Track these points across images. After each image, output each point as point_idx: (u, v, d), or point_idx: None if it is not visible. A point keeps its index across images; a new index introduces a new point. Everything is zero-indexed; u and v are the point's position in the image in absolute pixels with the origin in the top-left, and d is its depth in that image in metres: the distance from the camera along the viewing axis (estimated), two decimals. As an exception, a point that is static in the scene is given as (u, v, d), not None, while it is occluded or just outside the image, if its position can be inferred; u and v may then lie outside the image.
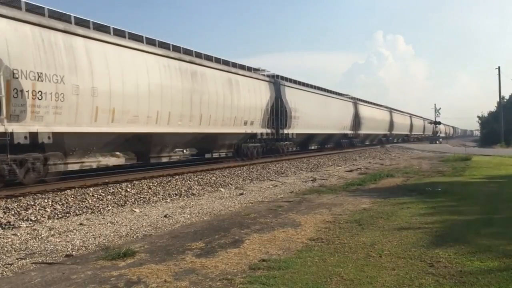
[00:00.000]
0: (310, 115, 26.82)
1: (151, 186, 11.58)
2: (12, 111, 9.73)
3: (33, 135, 10.17)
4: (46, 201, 9.09)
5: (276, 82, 23.26)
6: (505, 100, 56.94)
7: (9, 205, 8.56)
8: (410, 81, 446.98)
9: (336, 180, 14.26)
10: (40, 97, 10.23)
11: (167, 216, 8.19)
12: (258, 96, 20.50)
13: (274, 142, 22.81)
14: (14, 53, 9.80)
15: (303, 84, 28.01)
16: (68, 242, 6.32)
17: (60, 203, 9.08)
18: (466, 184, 11.97)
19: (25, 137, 10.02)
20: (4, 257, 5.60)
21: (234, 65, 19.70)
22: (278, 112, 22.43)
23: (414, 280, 4.20)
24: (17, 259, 5.47)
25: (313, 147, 31.81)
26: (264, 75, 22.86)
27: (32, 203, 8.81)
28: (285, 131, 23.38)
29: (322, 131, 29.80)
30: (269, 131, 21.78)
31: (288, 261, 4.90)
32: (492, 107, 65.99)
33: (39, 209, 8.52)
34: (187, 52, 16.54)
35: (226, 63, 19.04)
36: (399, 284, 4.12)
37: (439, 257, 4.91)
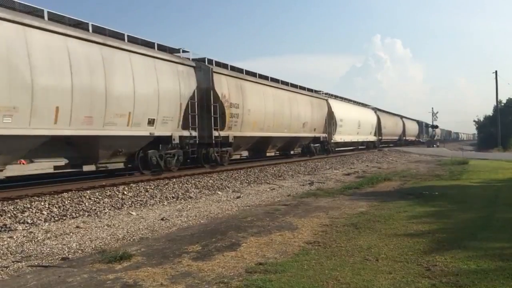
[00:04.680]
0: (348, 123, 34.18)
1: (148, 189, 11.55)
2: (218, 124, 16.94)
3: (227, 138, 17.50)
4: (42, 203, 9.05)
5: (328, 99, 31.16)
6: (502, 104, 57.19)
7: (5, 207, 8.53)
8: (408, 84, 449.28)
9: (333, 183, 14.27)
10: (230, 116, 17.80)
11: (164, 219, 8.17)
12: (321, 110, 28.70)
13: (326, 144, 30.00)
14: (226, 91, 17.57)
15: (345, 99, 36.51)
16: (64, 245, 6.30)
17: (57, 206, 9.04)
18: (463, 188, 11.99)
19: (223, 138, 17.21)
20: (0, 260, 5.58)
21: (310, 90, 28.13)
22: (329, 121, 30.10)
23: (410, 284, 4.20)
24: (13, 262, 5.44)
25: (345, 148, 36.91)
26: (322, 93, 31.05)
27: (29, 206, 8.77)
28: (333, 136, 31.01)
29: (356, 136, 36.77)
30: (324, 135, 29.30)
31: (285, 265, 4.90)
32: (489, 111, 66.36)
33: (35, 212, 8.49)
34: (285, 83, 24.50)
35: (303, 88, 26.97)
36: (396, 288, 4.12)
37: (435, 261, 4.91)
